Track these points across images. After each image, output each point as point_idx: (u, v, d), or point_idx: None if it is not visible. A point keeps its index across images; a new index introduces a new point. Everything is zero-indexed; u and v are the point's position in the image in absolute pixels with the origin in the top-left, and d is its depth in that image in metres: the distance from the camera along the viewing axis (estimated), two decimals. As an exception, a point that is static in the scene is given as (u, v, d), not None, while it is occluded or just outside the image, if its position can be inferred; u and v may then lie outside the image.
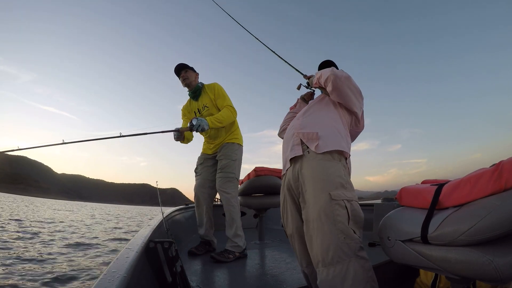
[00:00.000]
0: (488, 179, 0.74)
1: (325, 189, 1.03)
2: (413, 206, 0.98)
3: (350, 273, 0.93)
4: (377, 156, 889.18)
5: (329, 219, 0.99)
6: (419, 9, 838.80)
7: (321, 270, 0.98)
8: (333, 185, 1.04)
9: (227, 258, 2.03)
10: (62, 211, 24.07)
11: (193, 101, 2.43)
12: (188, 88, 2.39)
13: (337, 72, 1.21)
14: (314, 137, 1.15)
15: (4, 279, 3.38)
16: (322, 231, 0.99)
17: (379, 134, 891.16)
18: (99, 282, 0.69)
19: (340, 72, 1.21)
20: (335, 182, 1.05)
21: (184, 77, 2.34)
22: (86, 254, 5.35)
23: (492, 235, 0.68)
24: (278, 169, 2.94)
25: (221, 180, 2.23)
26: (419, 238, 0.84)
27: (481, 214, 0.70)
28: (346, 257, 0.95)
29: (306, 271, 1.22)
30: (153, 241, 1.13)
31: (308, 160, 1.13)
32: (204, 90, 2.38)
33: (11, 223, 9.67)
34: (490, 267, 0.67)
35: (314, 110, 1.33)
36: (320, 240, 0.99)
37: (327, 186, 1.03)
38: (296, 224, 1.18)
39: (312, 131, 1.18)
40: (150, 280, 1.06)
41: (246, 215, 3.68)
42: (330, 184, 1.04)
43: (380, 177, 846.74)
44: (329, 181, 1.05)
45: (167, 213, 2.52)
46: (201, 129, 2.10)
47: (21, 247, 5.42)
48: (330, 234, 0.97)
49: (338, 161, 1.12)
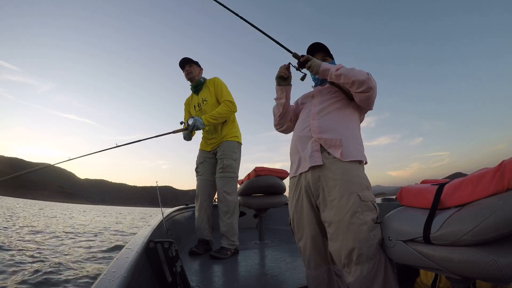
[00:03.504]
0: (490, 179, 0.74)
1: (353, 190, 1.05)
2: (413, 206, 0.98)
3: (382, 268, 0.98)
4: (399, 150, 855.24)
5: (360, 220, 1.01)
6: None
7: (354, 268, 1.00)
8: (360, 187, 1.07)
9: (225, 255, 2.10)
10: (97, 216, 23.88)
11: (195, 95, 2.49)
12: (191, 82, 2.45)
13: (371, 81, 1.15)
14: (338, 143, 1.14)
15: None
16: (353, 231, 1.01)
17: (400, 128, 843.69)
18: (99, 282, 0.68)
19: (373, 80, 1.16)
20: (361, 184, 1.08)
21: (188, 71, 2.40)
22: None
23: (496, 235, 0.68)
24: (278, 169, 2.94)
25: (223, 180, 2.25)
26: (421, 238, 0.84)
27: (485, 214, 0.70)
28: (377, 253, 0.99)
29: (313, 273, 1.20)
30: (153, 241, 1.13)
31: (331, 164, 1.13)
32: (205, 85, 2.43)
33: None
34: (494, 267, 0.67)
35: (332, 110, 1.25)
36: (351, 240, 1.00)
37: (355, 188, 1.06)
38: (312, 225, 1.18)
39: (334, 137, 1.15)
40: (150, 280, 1.05)
41: (246, 215, 3.68)
42: (357, 185, 1.07)
43: (403, 171, 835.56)
44: (356, 182, 1.07)
45: (167, 213, 2.52)
46: (196, 128, 2.16)
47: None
48: (361, 234, 1.00)
49: (359, 165, 1.15)
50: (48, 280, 3.49)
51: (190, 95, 2.57)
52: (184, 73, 2.42)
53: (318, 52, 1.41)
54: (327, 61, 1.41)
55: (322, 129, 1.19)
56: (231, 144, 2.33)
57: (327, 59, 1.42)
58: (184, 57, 2.40)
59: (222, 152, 2.30)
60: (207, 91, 2.39)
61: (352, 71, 1.16)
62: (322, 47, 1.41)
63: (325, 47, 1.41)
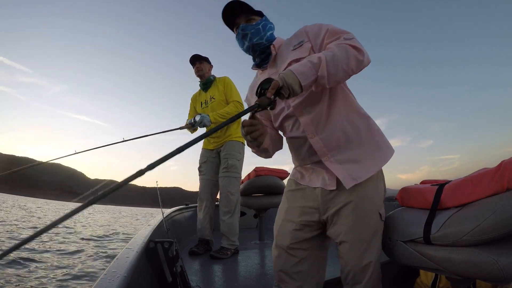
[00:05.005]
0: (491, 179, 0.74)
1: (374, 209, 0.93)
2: (413, 206, 0.98)
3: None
4: (409, 153, 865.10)
5: (378, 239, 0.94)
6: None
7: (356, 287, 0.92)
8: (380, 203, 0.95)
9: (225, 255, 2.10)
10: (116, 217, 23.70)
11: (202, 92, 2.50)
12: (201, 79, 2.46)
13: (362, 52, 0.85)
14: (356, 172, 0.92)
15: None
16: (369, 251, 0.91)
17: (410, 130, 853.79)
18: (99, 282, 0.69)
19: (362, 50, 0.85)
20: (380, 199, 0.96)
21: (198, 67, 2.41)
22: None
23: (496, 235, 0.68)
24: (278, 169, 2.94)
25: (226, 180, 2.26)
26: (421, 238, 0.84)
27: (485, 214, 0.70)
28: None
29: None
30: (153, 241, 1.13)
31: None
32: (214, 83, 2.44)
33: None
34: (495, 267, 0.67)
35: (328, 112, 0.94)
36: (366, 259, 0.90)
37: (375, 206, 0.94)
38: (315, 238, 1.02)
39: (348, 158, 0.93)
40: (150, 280, 1.05)
41: (246, 215, 3.68)
42: (376, 203, 0.95)
43: (412, 174, 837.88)
44: (375, 200, 0.94)
45: (167, 213, 2.52)
46: (203, 125, 2.17)
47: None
48: (376, 253, 0.92)
49: (377, 177, 0.96)
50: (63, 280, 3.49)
51: (197, 91, 2.58)
52: (194, 70, 2.43)
53: (239, 14, 1.05)
54: (253, 20, 1.04)
55: (329, 148, 0.94)
56: (236, 144, 2.33)
57: (253, 18, 1.06)
58: (195, 53, 2.42)
59: (227, 152, 2.31)
60: (216, 89, 2.40)
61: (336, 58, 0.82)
62: (242, 5, 1.03)
63: (245, 4, 1.03)
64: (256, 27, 1.02)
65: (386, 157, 0.97)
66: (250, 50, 1.06)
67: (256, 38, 1.02)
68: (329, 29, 0.94)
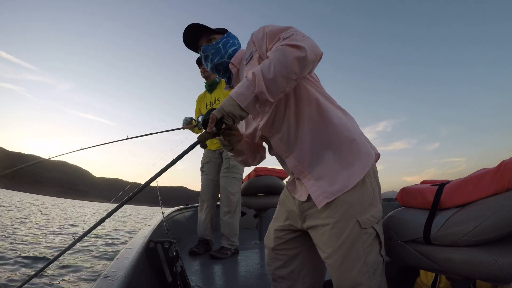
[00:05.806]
0: (491, 179, 0.74)
1: (352, 216, 0.81)
2: (413, 206, 0.98)
3: None
4: (415, 156, 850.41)
5: (359, 254, 0.79)
6: None
7: None
8: (362, 209, 0.82)
9: (225, 255, 2.11)
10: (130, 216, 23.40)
11: (208, 94, 2.51)
12: (206, 80, 2.46)
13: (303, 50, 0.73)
14: (325, 191, 0.84)
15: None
16: (345, 266, 0.80)
17: (416, 132, 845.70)
18: (99, 282, 0.69)
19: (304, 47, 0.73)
20: (363, 204, 0.82)
21: (204, 69, 2.41)
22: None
23: (497, 235, 0.68)
24: (278, 169, 2.94)
25: (228, 180, 2.27)
26: (422, 238, 0.83)
27: (486, 214, 0.70)
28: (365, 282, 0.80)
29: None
30: (153, 241, 1.13)
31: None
32: (219, 85, 2.45)
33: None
34: (495, 267, 0.67)
35: (296, 127, 0.87)
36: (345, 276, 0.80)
37: (354, 212, 0.81)
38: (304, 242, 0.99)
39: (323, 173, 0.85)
40: (150, 280, 1.05)
41: (246, 215, 3.69)
42: (357, 208, 0.81)
43: (418, 177, 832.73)
44: (356, 206, 0.82)
45: (167, 213, 2.52)
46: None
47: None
48: (356, 270, 0.79)
49: (362, 183, 0.84)
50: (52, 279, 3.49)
51: (203, 92, 2.59)
52: (201, 71, 2.44)
53: (200, 37, 1.04)
54: (214, 39, 1.02)
55: (302, 166, 0.88)
56: None
57: (214, 37, 1.03)
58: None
59: None
60: (220, 91, 2.41)
61: (273, 65, 0.73)
62: (200, 26, 1.01)
63: (203, 25, 1.01)
64: (216, 46, 1.00)
65: (365, 165, 0.84)
66: (214, 70, 1.04)
67: (217, 58, 1.00)
68: (268, 33, 0.86)
